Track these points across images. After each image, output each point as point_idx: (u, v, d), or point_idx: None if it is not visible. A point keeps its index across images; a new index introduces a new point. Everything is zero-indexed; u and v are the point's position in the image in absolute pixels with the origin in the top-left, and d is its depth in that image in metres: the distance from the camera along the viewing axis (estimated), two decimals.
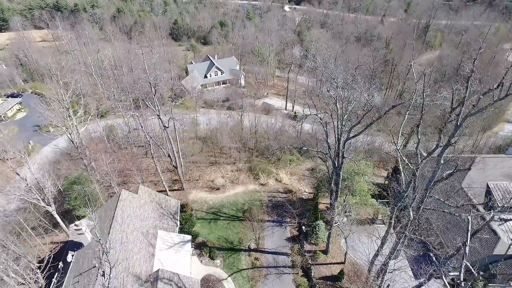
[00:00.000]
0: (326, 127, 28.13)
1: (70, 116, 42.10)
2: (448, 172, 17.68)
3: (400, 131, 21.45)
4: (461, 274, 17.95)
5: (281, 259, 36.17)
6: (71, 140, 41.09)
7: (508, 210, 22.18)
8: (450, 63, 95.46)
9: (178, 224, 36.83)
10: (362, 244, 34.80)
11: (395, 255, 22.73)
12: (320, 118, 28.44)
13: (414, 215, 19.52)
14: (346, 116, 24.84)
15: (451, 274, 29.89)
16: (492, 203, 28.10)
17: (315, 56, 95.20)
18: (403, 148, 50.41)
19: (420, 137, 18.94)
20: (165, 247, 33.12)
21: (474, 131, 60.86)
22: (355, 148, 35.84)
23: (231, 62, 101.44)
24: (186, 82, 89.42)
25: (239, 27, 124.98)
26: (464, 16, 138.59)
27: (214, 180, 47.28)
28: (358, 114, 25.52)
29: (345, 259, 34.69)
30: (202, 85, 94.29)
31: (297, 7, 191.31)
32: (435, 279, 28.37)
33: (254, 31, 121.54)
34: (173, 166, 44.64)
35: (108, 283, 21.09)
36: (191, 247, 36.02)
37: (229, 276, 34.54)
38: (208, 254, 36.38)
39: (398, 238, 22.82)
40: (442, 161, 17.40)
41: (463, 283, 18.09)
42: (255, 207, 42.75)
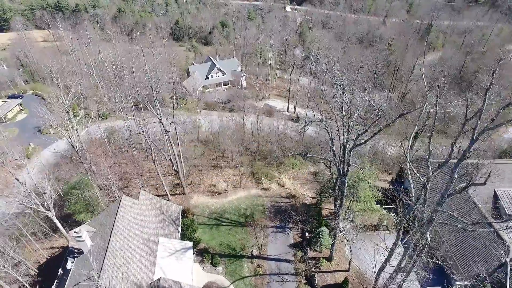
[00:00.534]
0: (331, 134, 27.52)
1: (70, 119, 41.61)
2: (461, 185, 17.07)
3: (410, 142, 20.75)
4: None
5: (284, 266, 35.59)
6: (71, 144, 40.54)
7: None
8: (453, 65, 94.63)
9: (180, 230, 36.30)
10: (366, 252, 34.22)
11: (406, 274, 22.03)
12: (325, 125, 27.83)
13: (425, 230, 18.89)
14: (352, 123, 24.24)
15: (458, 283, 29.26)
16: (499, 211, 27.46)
17: (319, 59, 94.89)
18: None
19: (431, 149, 18.31)
20: (166, 254, 32.57)
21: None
22: (360, 154, 35.12)
23: (232, 63, 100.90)
24: (188, 84, 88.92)
25: (240, 28, 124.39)
26: (466, 16, 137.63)
27: (216, 184, 46.71)
28: (365, 120, 24.85)
29: (349, 266, 34.10)
30: (203, 86, 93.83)
31: (298, 7, 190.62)
32: None
33: (255, 31, 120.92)
34: (174, 170, 44.10)
35: None
36: (193, 254, 35.51)
37: (231, 283, 33.97)
38: (210, 261, 35.83)
39: (409, 256, 21.75)
40: (456, 175, 16.79)
41: None
42: (258, 213, 42.18)
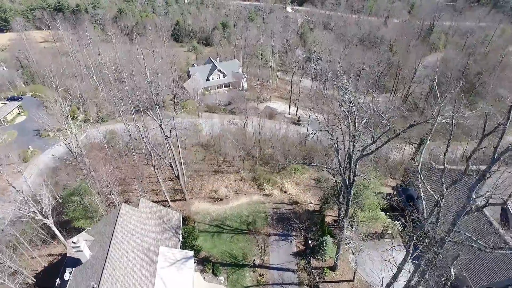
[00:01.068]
0: (337, 144, 26.69)
1: (69, 124, 40.88)
2: (478, 205, 16.19)
3: (421, 157, 19.82)
4: None
5: (287, 276, 34.79)
6: (70, 150, 39.78)
7: None
8: (455, 66, 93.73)
9: (180, 238, 35.53)
10: (371, 261, 33.45)
11: None
12: (331, 134, 26.98)
13: (438, 249, 18.04)
14: (359, 132, 23.42)
15: None
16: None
17: (321, 61, 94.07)
18: (412, 159, 49.00)
19: (445, 165, 17.43)
20: (167, 264, 31.81)
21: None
22: (365, 163, 34.27)
23: (233, 65, 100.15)
24: (188, 85, 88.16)
25: (241, 29, 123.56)
26: (468, 17, 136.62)
27: (217, 190, 45.92)
28: (372, 129, 23.97)
29: (354, 277, 33.32)
30: (204, 88, 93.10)
31: (299, 8, 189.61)
32: None
33: (256, 32, 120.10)
34: (175, 176, 43.34)
35: None
36: (194, 263, 34.78)
37: None
38: (211, 270, 35.07)
39: (420, 275, 20.59)
40: (474, 195, 15.91)
41: None
42: (260, 220, 41.38)
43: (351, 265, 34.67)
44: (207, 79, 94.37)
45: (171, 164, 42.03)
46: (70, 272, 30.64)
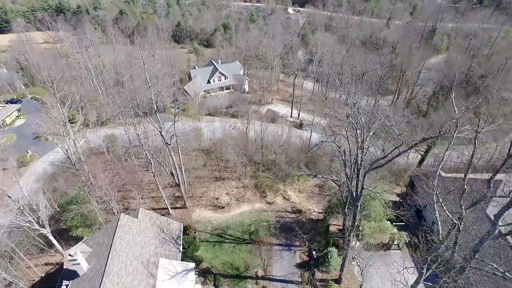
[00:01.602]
0: (344, 155, 25.67)
1: (67, 130, 39.96)
2: (503, 231, 15.17)
3: (437, 178, 18.82)
4: None
5: None
6: (68, 157, 38.84)
7: None
8: (458, 68, 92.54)
9: (181, 249, 34.54)
10: (380, 279, 32.26)
11: None
12: (338, 146, 25.98)
13: (457, 276, 17.02)
14: (367, 145, 22.43)
15: None
16: None
17: (323, 63, 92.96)
18: (418, 166, 47.92)
19: (467, 187, 16.39)
20: (167, 277, 30.81)
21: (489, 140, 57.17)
22: (372, 174, 33.15)
23: (235, 67, 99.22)
24: (189, 88, 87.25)
25: (242, 30, 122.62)
26: (471, 19, 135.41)
27: (219, 197, 44.92)
28: (382, 140, 23.01)
29: None
30: (205, 90, 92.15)
31: (301, 9, 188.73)
32: None
33: (257, 34, 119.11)
34: (175, 183, 42.38)
35: None
36: (195, 274, 33.78)
37: None
38: (212, 282, 34.07)
39: None
40: (500, 222, 14.85)
41: None
42: (262, 229, 40.35)
43: (358, 278, 33.60)
44: (208, 82, 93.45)
45: (171, 171, 41.08)
46: (67, 285, 29.69)
